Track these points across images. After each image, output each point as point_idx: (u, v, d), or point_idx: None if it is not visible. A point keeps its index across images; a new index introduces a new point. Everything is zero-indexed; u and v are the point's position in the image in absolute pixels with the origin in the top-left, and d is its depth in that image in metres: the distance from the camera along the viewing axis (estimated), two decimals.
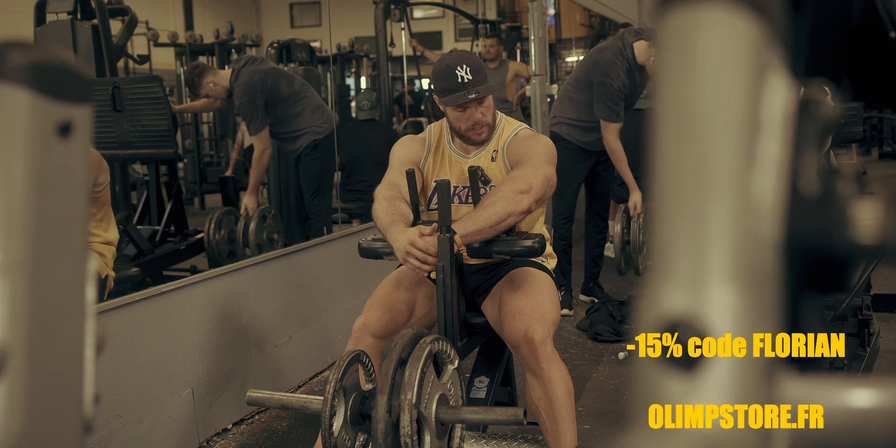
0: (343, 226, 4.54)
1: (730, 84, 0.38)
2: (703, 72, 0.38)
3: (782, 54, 0.40)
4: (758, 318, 0.36)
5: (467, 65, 2.12)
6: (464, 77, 2.11)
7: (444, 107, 2.19)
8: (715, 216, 0.36)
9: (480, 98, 2.13)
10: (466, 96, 2.11)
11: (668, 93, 0.38)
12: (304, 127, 4.18)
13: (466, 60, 2.14)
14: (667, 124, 0.38)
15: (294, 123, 4.15)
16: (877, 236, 0.39)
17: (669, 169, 0.38)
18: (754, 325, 0.36)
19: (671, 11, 0.39)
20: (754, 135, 0.38)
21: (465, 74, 2.11)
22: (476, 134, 2.20)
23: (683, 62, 0.38)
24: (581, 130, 4.03)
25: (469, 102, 2.13)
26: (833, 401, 0.40)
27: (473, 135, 2.20)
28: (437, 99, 2.23)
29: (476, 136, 2.20)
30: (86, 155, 0.49)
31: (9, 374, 0.44)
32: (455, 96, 2.12)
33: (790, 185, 0.39)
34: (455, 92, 2.12)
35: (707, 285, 0.36)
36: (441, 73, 2.15)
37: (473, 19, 8.13)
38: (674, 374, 0.36)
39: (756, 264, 0.37)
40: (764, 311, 0.37)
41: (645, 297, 0.37)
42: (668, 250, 0.37)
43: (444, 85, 2.14)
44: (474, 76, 2.11)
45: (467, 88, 2.12)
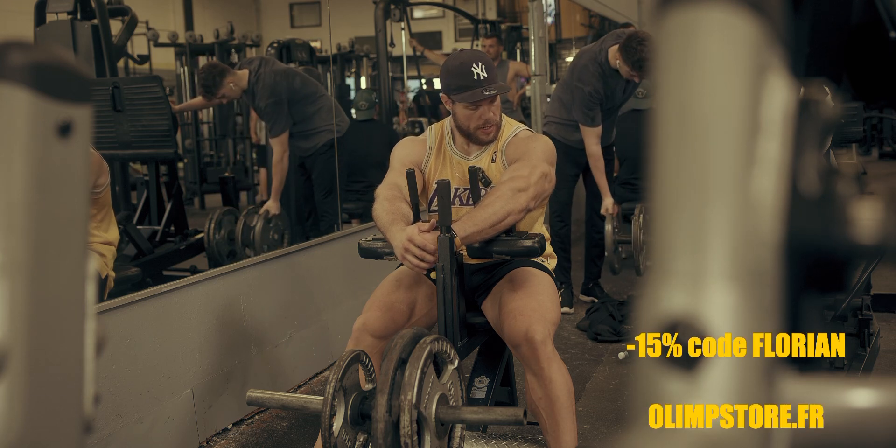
0: (343, 226, 4.54)
1: (730, 84, 0.38)
2: (703, 72, 0.38)
3: (782, 54, 0.40)
4: (758, 318, 0.36)
5: (482, 63, 2.12)
6: (480, 74, 2.11)
7: (454, 105, 2.18)
8: (715, 216, 0.36)
9: (495, 96, 2.13)
10: (483, 93, 2.11)
11: (668, 93, 0.38)
12: (321, 125, 4.20)
13: (481, 58, 2.15)
14: (667, 124, 0.38)
15: (311, 122, 4.17)
16: (877, 236, 0.39)
17: (669, 169, 0.38)
18: (754, 325, 0.36)
19: (671, 12, 0.39)
20: (754, 135, 0.38)
21: (480, 72, 2.11)
22: (485, 133, 2.20)
23: (683, 62, 0.38)
24: (569, 129, 4.06)
25: (484, 100, 2.13)
26: (833, 401, 0.40)
27: (482, 134, 2.20)
28: (445, 97, 2.23)
29: (485, 135, 2.20)
30: (86, 155, 0.49)
31: (9, 374, 0.44)
32: (472, 93, 2.12)
33: (790, 185, 0.39)
34: (471, 89, 2.12)
35: (707, 285, 0.36)
36: (455, 70, 2.15)
37: (473, 19, 8.13)
38: (674, 374, 0.36)
39: (756, 264, 0.37)
40: (764, 311, 0.37)
41: (645, 297, 0.37)
42: (668, 250, 0.37)
43: (460, 82, 2.14)
44: (489, 74, 2.12)
45: (483, 86, 2.11)
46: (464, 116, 2.18)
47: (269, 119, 4.11)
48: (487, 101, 2.14)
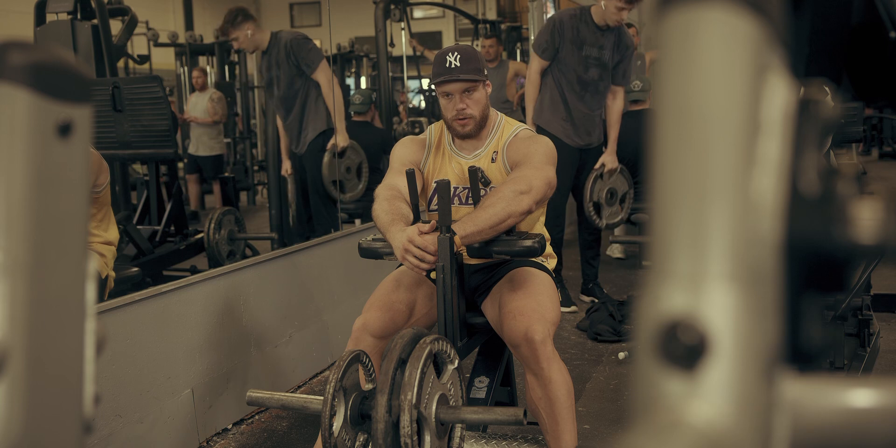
0: (343, 226, 4.54)
1: (730, 84, 0.38)
2: (703, 72, 0.38)
3: (782, 54, 0.40)
4: (758, 318, 0.36)
5: (458, 53, 2.18)
6: (452, 62, 2.17)
7: (438, 96, 2.25)
8: (715, 216, 0.36)
9: (462, 81, 2.17)
10: (448, 78, 2.16)
11: (669, 93, 0.38)
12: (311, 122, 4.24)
13: (460, 50, 2.20)
14: (667, 124, 0.38)
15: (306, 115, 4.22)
16: (877, 236, 0.39)
17: (669, 169, 0.38)
18: (754, 324, 0.36)
19: (671, 11, 0.39)
20: (754, 135, 0.38)
21: (454, 61, 2.17)
22: (460, 125, 2.23)
23: (683, 62, 0.38)
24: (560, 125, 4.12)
25: (450, 83, 2.17)
26: (833, 401, 0.40)
27: (458, 125, 2.23)
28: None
29: (460, 126, 2.23)
30: (86, 155, 0.49)
31: (9, 374, 0.44)
32: (440, 79, 2.18)
33: (790, 185, 0.39)
34: (440, 75, 2.19)
35: (707, 285, 0.36)
36: (436, 60, 2.23)
37: (473, 19, 8.12)
38: (674, 374, 0.36)
39: (756, 264, 0.37)
40: (764, 311, 0.37)
41: (645, 297, 0.37)
42: (668, 250, 0.37)
43: (435, 70, 2.21)
44: (462, 64, 2.16)
45: (452, 73, 2.16)
46: (443, 106, 2.25)
47: (314, 65, 4.14)
48: (459, 91, 2.18)
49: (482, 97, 2.22)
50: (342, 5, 8.29)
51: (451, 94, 2.20)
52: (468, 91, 2.19)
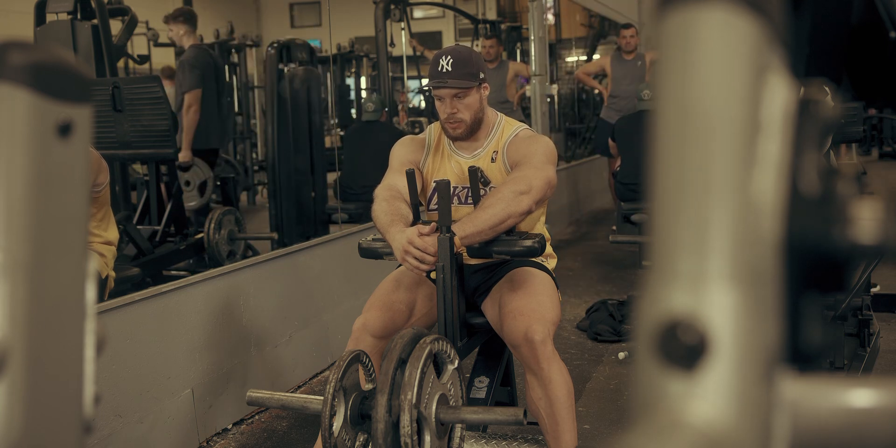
0: (343, 226, 4.54)
1: (730, 84, 0.38)
2: (704, 72, 0.38)
3: (782, 54, 0.40)
4: (758, 318, 0.36)
5: (452, 57, 2.16)
6: (444, 67, 2.16)
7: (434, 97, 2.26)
8: (715, 216, 0.36)
9: (451, 87, 2.16)
10: (437, 84, 2.16)
11: (669, 93, 0.38)
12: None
13: (454, 53, 2.18)
14: (667, 124, 0.38)
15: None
16: (877, 236, 0.39)
17: (670, 169, 0.38)
18: (754, 324, 0.36)
19: (671, 11, 0.39)
20: (754, 135, 0.38)
21: (446, 65, 2.16)
22: (451, 127, 2.22)
23: (683, 62, 0.38)
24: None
25: (440, 89, 2.17)
26: (833, 401, 0.40)
27: (449, 127, 2.23)
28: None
29: (451, 129, 2.23)
30: (86, 155, 0.49)
31: (9, 374, 0.44)
32: (431, 83, 2.18)
33: (790, 185, 0.39)
34: (432, 78, 2.18)
35: (707, 285, 0.36)
36: (431, 61, 2.23)
37: (473, 19, 8.12)
38: (674, 374, 0.36)
39: (756, 264, 0.37)
40: (764, 311, 0.37)
41: (645, 297, 0.37)
42: (668, 250, 0.37)
43: (430, 71, 2.21)
44: (454, 69, 2.15)
45: (442, 78, 2.15)
46: (437, 108, 2.24)
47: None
48: (450, 96, 2.17)
49: (474, 102, 2.21)
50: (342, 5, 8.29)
51: (442, 97, 2.20)
52: (459, 96, 2.18)
